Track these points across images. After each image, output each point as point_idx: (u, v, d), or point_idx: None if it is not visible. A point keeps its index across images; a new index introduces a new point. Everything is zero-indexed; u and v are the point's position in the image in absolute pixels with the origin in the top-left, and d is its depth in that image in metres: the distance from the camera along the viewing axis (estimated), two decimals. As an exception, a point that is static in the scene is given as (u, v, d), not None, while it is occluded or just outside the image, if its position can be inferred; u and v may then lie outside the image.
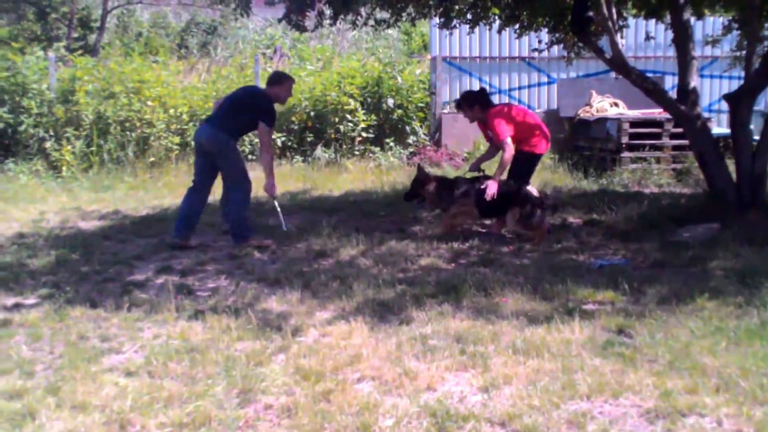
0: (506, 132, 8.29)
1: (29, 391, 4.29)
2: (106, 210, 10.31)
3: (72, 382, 4.38)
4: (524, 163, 8.56)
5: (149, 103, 13.57)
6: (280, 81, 8.19)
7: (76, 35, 21.62)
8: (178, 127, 13.62)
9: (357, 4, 8.59)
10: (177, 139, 13.42)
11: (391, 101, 14.58)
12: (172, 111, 13.66)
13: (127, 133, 13.17)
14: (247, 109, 8.01)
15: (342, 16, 9.37)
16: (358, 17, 9.60)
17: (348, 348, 4.85)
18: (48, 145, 12.96)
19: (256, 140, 13.89)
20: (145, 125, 13.31)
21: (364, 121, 14.35)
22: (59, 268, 7.17)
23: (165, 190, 11.85)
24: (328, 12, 9.31)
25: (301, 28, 8.59)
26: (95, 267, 7.21)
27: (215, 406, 4.06)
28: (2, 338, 5.24)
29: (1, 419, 3.96)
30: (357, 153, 14.25)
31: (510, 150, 8.30)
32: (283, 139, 14.20)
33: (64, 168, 12.73)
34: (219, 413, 3.98)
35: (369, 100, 14.74)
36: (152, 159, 13.16)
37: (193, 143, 13.40)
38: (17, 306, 6.02)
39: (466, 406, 4.01)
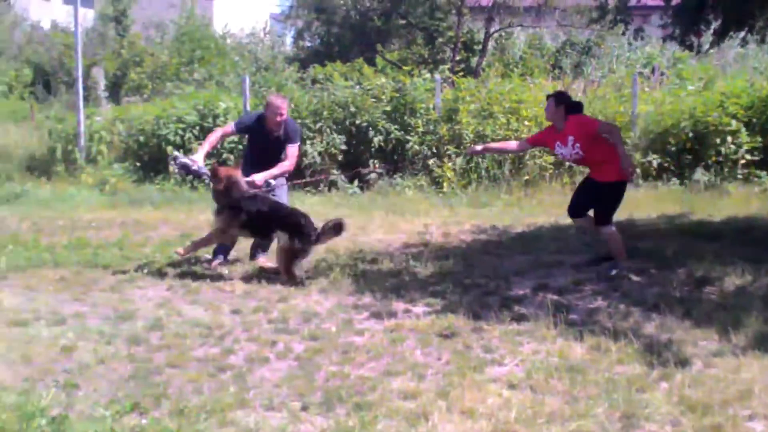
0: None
1: (421, 393, 4.60)
2: (484, 225, 10.69)
3: (460, 388, 4.63)
4: (616, 193, 7.85)
5: (526, 122, 13.89)
6: (266, 105, 8.46)
7: (459, 58, 22.76)
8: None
9: (754, 19, 8.13)
10: (551, 159, 13.58)
11: (783, 123, 13.58)
12: (547, 131, 13.86)
13: (505, 151, 13.59)
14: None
15: (732, 33, 8.93)
16: (750, 33, 9.08)
17: (737, 382, 4.62)
18: (431, 161, 13.74)
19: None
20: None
21: (747, 143, 13.52)
22: (443, 278, 7.58)
23: (539, 208, 12.05)
24: (714, 28, 8.91)
25: (691, 47, 8.30)
26: (476, 280, 7.53)
27: (598, 427, 4.08)
28: (396, 342, 5.68)
29: (398, 417, 4.29)
30: (740, 176, 13.44)
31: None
32: (659, 160, 13.79)
33: (445, 184, 13.43)
34: (602, 435, 3.99)
35: (755, 120, 13.86)
36: (527, 177, 13.45)
37: (566, 163, 13.53)
38: (407, 312, 6.47)
39: None
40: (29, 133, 15.49)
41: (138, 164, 14.41)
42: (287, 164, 8.38)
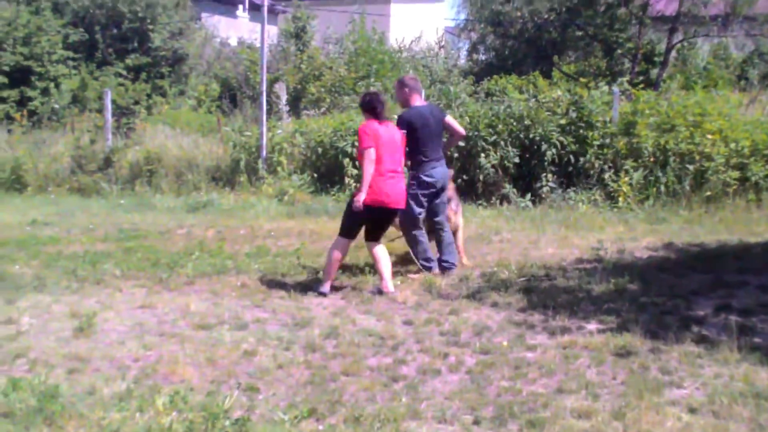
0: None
1: (596, 413, 4.51)
2: (661, 242, 10.34)
3: (637, 410, 4.51)
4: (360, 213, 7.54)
5: (709, 136, 13.32)
6: None
7: (638, 69, 22.15)
8: (738, 161, 13.16)
9: None
10: (736, 174, 12.97)
11: None
12: (732, 145, 13.25)
13: (686, 166, 13.09)
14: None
15: None
16: None
17: None
18: (606, 176, 13.41)
19: None
20: (704, 159, 13.10)
21: None
22: (617, 296, 7.39)
23: (720, 225, 11.52)
24: None
25: None
26: (652, 298, 7.30)
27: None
28: (569, 359, 5.60)
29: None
30: None
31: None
32: None
33: (620, 198, 13.07)
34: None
35: None
36: (708, 193, 12.90)
37: (753, 179, 12.89)
38: (581, 329, 6.36)
39: None
40: (215, 145, 16.28)
41: (315, 175, 14.86)
42: None
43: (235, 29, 30.47)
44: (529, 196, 13.37)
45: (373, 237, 7.76)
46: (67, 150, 16.49)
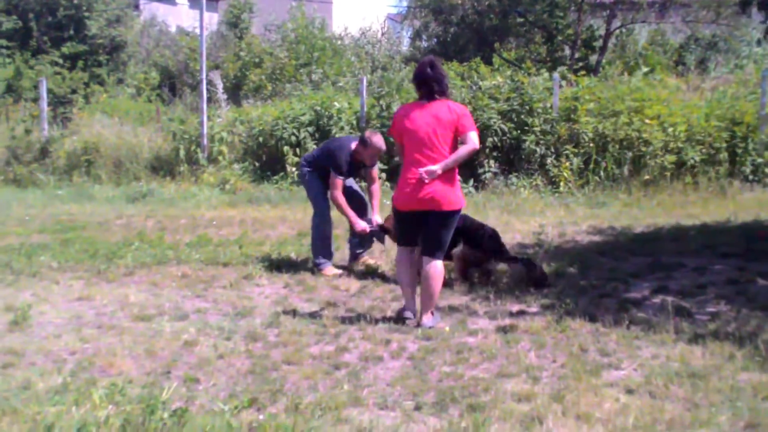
0: None
1: (536, 396, 4.54)
2: (601, 226, 10.47)
3: (575, 392, 4.55)
4: None
5: (647, 121, 13.50)
6: (365, 144, 7.87)
7: (578, 55, 22.33)
8: (675, 146, 13.37)
9: None
10: (673, 158, 13.19)
11: None
12: (670, 130, 13.46)
13: (625, 151, 13.26)
14: (324, 156, 8.09)
15: None
16: None
17: None
18: (548, 161, 13.54)
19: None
20: (642, 144, 13.28)
21: None
22: (558, 279, 7.47)
23: (659, 209, 11.73)
24: None
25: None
26: (592, 281, 7.39)
27: (720, 436, 3.94)
28: (510, 342, 5.63)
29: (511, 419, 4.25)
30: None
31: None
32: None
33: (561, 184, 13.21)
34: (725, 444, 3.85)
35: None
36: (647, 177, 13.10)
37: (689, 163, 13.14)
38: (521, 313, 6.41)
39: None
40: (155, 134, 16.05)
41: (256, 164, 14.76)
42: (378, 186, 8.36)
43: (175, 16, 30.03)
44: (471, 182, 13.43)
45: None
46: (1, 140, 16.13)
